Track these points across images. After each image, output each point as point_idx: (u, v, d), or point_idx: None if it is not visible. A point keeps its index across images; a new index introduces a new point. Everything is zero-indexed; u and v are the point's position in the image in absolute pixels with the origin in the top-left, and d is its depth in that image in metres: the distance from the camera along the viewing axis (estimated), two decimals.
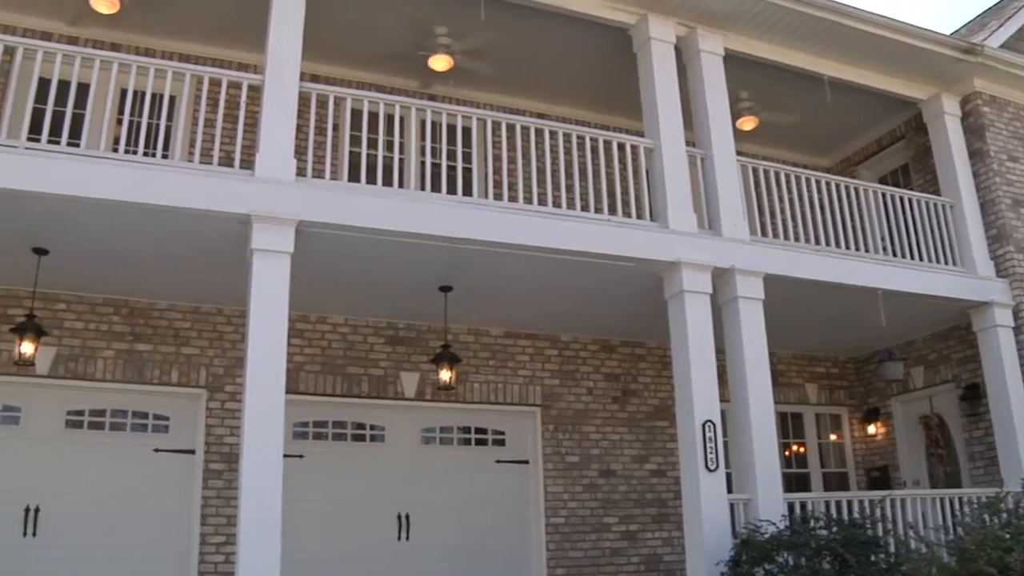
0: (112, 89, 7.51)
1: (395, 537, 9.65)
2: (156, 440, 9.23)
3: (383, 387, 9.85)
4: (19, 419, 8.96)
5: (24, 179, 6.80)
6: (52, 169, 6.90)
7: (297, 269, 7.14)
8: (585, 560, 10.17)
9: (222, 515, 8.98)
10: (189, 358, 9.29)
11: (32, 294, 8.48)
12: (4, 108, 8.07)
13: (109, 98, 7.52)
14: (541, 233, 8.08)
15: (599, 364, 10.86)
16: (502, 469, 10.28)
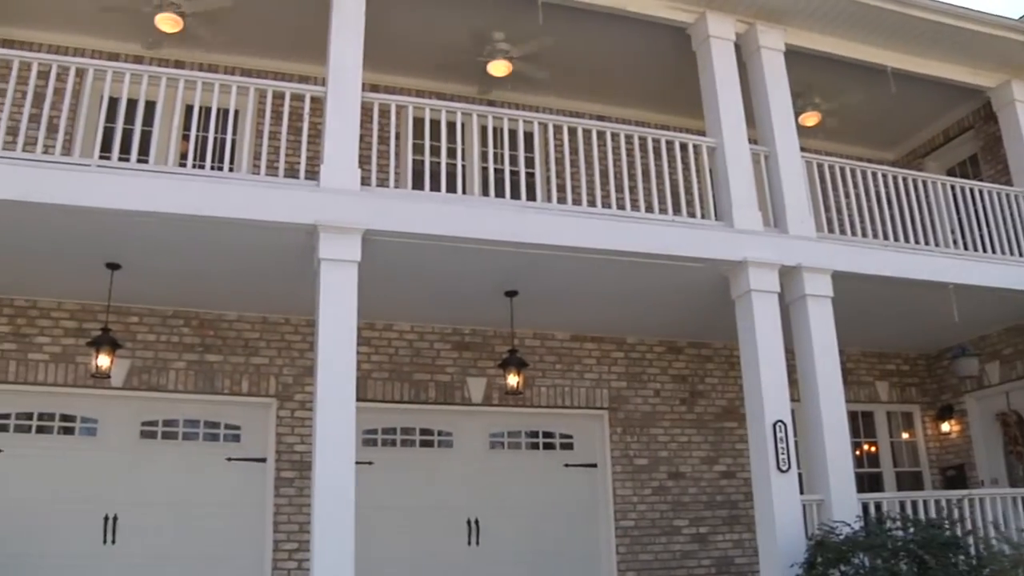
0: (179, 106, 7.65)
1: (465, 542, 9.68)
2: (228, 449, 9.41)
3: (450, 393, 9.90)
4: (96, 430, 9.21)
5: (97, 196, 6.96)
6: (123, 185, 7.04)
7: (363, 277, 7.20)
8: (656, 563, 10.09)
9: (294, 522, 9.10)
10: (258, 368, 9.44)
11: (106, 308, 8.68)
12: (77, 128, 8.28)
13: (176, 114, 7.66)
14: (605, 236, 8.04)
15: (666, 366, 10.78)
16: (570, 473, 10.25)
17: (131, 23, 9.28)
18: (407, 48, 9.86)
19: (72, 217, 7.11)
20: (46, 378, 8.99)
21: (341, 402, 6.76)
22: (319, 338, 6.88)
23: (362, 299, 7.15)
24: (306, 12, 8.89)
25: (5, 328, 9.04)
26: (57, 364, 9.03)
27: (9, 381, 8.93)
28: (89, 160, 7.34)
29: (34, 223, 7.29)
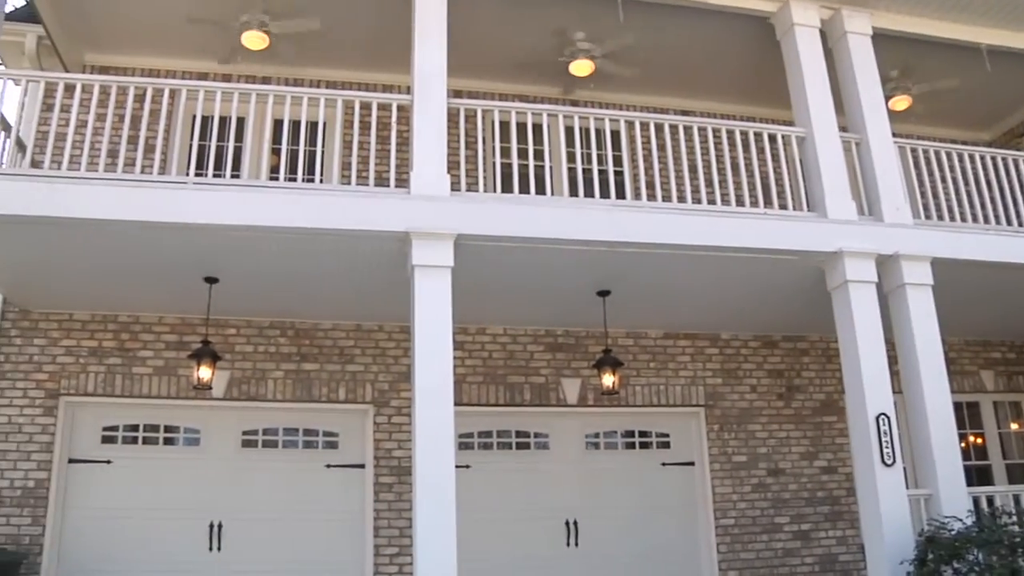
0: (268, 120, 7.80)
1: (564, 544, 9.67)
2: (327, 456, 9.56)
3: (545, 394, 9.90)
4: (199, 440, 9.47)
5: (194, 212, 7.12)
6: (218, 201, 7.19)
7: (455, 282, 7.23)
8: (758, 561, 9.94)
9: (394, 527, 9.22)
10: (355, 375, 9.58)
11: (205, 321, 8.89)
12: (172, 147, 8.52)
13: (267, 128, 7.82)
14: (696, 231, 7.94)
15: (761, 361, 10.61)
16: (668, 472, 10.17)
17: (218, 42, 9.47)
18: (488, 52, 9.89)
19: (170, 233, 7.30)
20: (150, 391, 9.28)
21: (439, 407, 6.79)
22: (415, 344, 6.93)
23: (454, 304, 7.18)
24: (387, 22, 9.00)
25: (110, 343, 9.35)
26: (160, 377, 9.30)
27: (116, 394, 9.25)
28: (185, 178, 7.53)
29: (135, 241, 7.52)
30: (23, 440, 9.05)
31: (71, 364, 9.29)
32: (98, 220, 7.07)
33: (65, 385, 9.21)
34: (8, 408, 9.12)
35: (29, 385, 9.19)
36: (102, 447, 9.33)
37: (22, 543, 8.75)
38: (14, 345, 9.30)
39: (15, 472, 8.96)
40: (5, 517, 8.84)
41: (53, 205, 6.98)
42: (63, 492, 9.09)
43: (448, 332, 6.93)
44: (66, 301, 9.22)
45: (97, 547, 9.01)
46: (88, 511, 9.09)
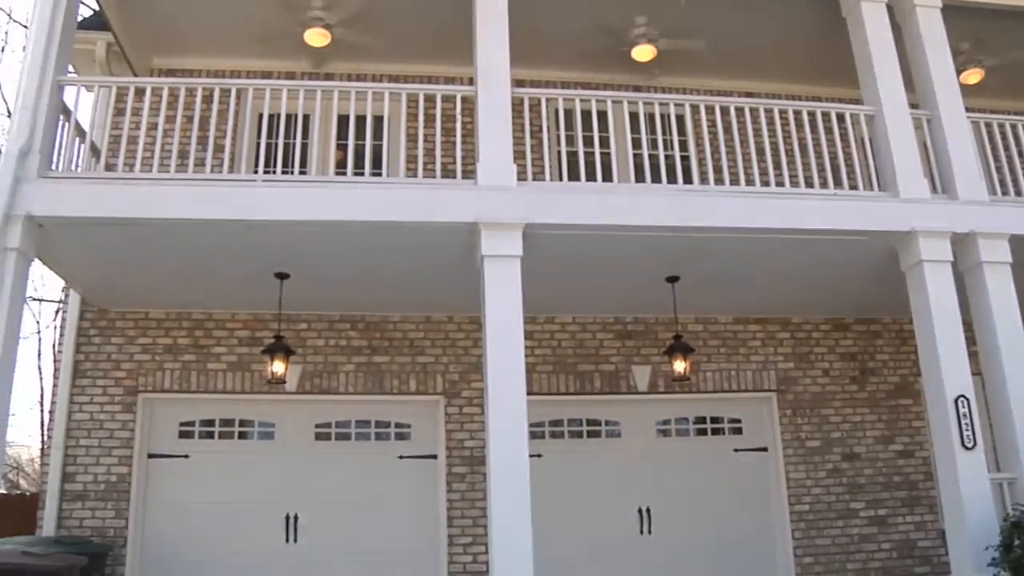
0: (334, 116, 7.86)
1: (637, 531, 9.65)
2: (399, 447, 9.67)
3: (615, 382, 9.87)
4: (273, 434, 9.64)
5: (263, 209, 7.22)
6: (287, 197, 7.28)
7: (524, 271, 7.20)
8: (833, 547, 9.80)
9: (467, 516, 9.28)
10: (425, 366, 9.66)
11: (277, 316, 9.02)
12: (240, 146, 8.65)
13: (333, 124, 7.88)
14: (765, 214, 7.81)
15: (833, 344, 10.44)
16: (740, 457, 10.07)
17: (281, 41, 9.59)
18: (549, 40, 9.84)
19: (241, 231, 7.41)
20: (224, 386, 9.45)
21: (511, 396, 6.79)
22: (487, 334, 6.94)
23: (523, 293, 7.15)
24: (447, 14, 8.99)
25: (185, 340, 9.54)
26: (234, 372, 9.47)
27: (191, 390, 9.45)
28: (254, 176, 7.66)
29: (206, 239, 7.66)
30: (104, 436, 9.30)
31: (148, 361, 9.50)
32: (170, 220, 7.21)
33: (143, 382, 9.43)
34: (89, 405, 9.37)
35: (108, 383, 9.44)
36: (180, 442, 9.54)
37: (107, 535, 9.00)
38: (93, 344, 9.54)
39: (98, 467, 9.21)
40: (91, 511, 9.10)
41: (127, 207, 7.14)
42: (144, 486, 9.33)
43: (519, 321, 6.93)
44: (141, 300, 9.43)
45: (178, 539, 9.23)
46: (168, 504, 9.33)
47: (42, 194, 7.02)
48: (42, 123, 7.24)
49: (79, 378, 9.46)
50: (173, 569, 9.16)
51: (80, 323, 9.61)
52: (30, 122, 7.18)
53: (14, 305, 6.79)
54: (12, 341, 6.79)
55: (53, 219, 7.09)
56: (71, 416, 9.35)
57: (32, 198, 6.96)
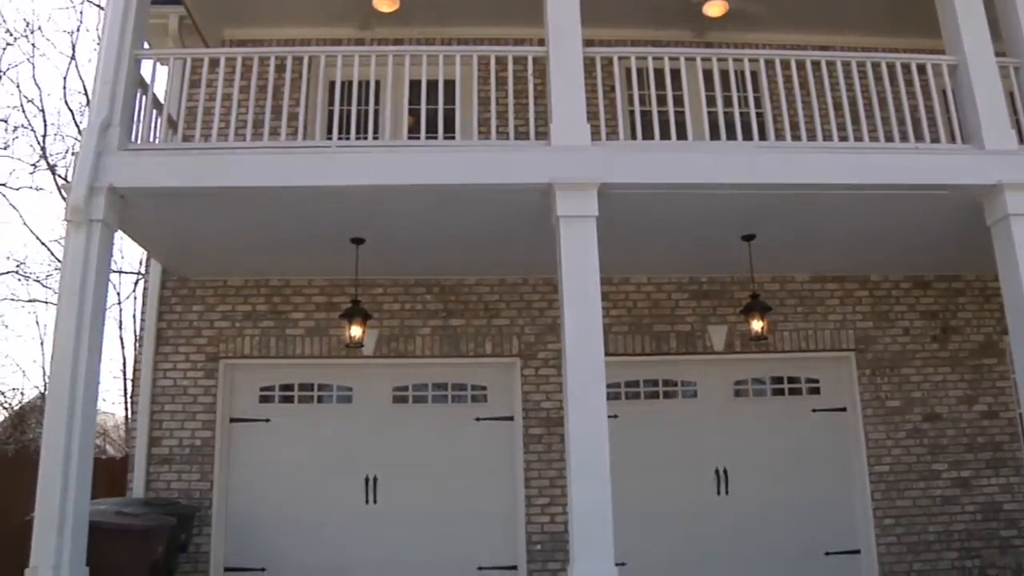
0: (406, 81, 7.90)
1: (714, 492, 9.62)
2: (476, 410, 9.77)
3: (691, 342, 9.81)
4: (352, 398, 9.79)
5: (337, 175, 7.29)
6: (361, 163, 7.34)
7: (598, 232, 7.14)
8: (914, 509, 9.64)
9: (544, 477, 9.35)
10: (500, 329, 9.72)
11: (353, 282, 9.11)
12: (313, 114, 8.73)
13: (405, 89, 7.93)
14: (842, 170, 7.61)
15: (913, 302, 10.21)
16: (819, 418, 9.95)
17: (351, 8, 9.62)
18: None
19: (316, 197, 7.50)
20: (303, 351, 9.62)
21: (589, 357, 6.78)
22: (563, 295, 6.93)
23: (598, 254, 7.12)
24: None
25: (264, 307, 9.72)
26: (312, 338, 9.63)
27: (270, 356, 9.64)
28: (328, 142, 7.71)
29: (283, 206, 7.76)
30: (188, 401, 9.54)
31: (228, 328, 9.70)
32: (247, 188, 7.33)
33: (223, 348, 9.64)
34: (173, 372, 9.61)
35: (191, 349, 9.66)
36: (260, 406, 9.76)
37: (193, 497, 9.25)
38: (175, 312, 9.77)
39: (183, 431, 9.46)
40: (177, 474, 9.35)
41: (205, 176, 7.27)
42: (226, 449, 9.56)
43: (596, 281, 6.90)
44: (220, 269, 9.63)
45: (260, 500, 9.48)
46: (250, 467, 9.56)
47: (123, 166, 7.17)
48: (121, 97, 7.38)
49: (162, 345, 9.69)
50: (256, 530, 9.41)
51: (162, 292, 9.84)
52: (109, 96, 7.32)
53: (100, 275, 6.96)
54: (99, 311, 6.97)
55: (134, 190, 7.24)
56: (156, 383, 9.60)
57: (114, 170, 7.11)
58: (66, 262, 6.92)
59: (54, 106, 41.70)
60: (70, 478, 6.42)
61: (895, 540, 9.55)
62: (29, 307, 34.99)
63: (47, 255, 35.14)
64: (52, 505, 6.33)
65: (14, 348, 39.86)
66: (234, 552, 9.39)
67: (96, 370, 6.90)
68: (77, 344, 6.66)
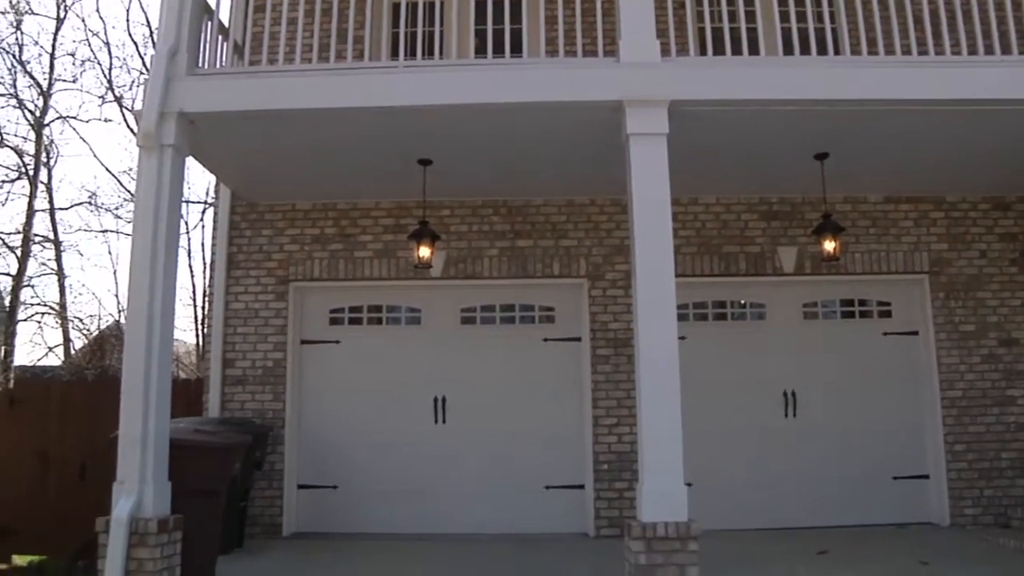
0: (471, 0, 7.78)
1: (782, 415, 9.58)
2: (544, 330, 9.82)
3: (760, 264, 9.68)
4: (420, 319, 9.92)
5: (405, 95, 7.22)
6: (429, 83, 7.26)
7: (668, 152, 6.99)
8: (988, 435, 9.49)
9: (612, 398, 9.38)
10: (568, 250, 9.70)
11: (420, 203, 9.12)
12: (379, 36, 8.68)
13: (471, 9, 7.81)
14: (922, 84, 7.26)
15: (992, 224, 9.89)
16: (890, 341, 9.80)
17: None
18: None
19: (384, 118, 7.46)
20: (371, 273, 9.73)
21: (659, 277, 6.70)
22: (633, 214, 6.84)
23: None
24: None
25: (332, 230, 9.82)
26: (380, 260, 9.72)
27: (339, 278, 9.77)
28: (394, 63, 7.65)
29: (349, 127, 7.76)
30: (260, 324, 9.72)
31: (297, 252, 9.82)
32: (313, 110, 7.31)
33: (293, 272, 9.77)
34: (244, 295, 9.78)
35: (261, 273, 9.82)
36: (330, 328, 9.92)
37: (266, 417, 9.47)
38: (244, 237, 9.91)
39: (255, 353, 9.65)
40: (250, 394, 9.58)
41: (272, 99, 7.28)
42: (298, 370, 9.77)
43: (666, 199, 6.79)
44: (288, 193, 9.72)
45: (332, 420, 9.70)
46: (322, 388, 9.76)
47: (191, 91, 7.20)
48: (187, 23, 7.37)
49: (233, 270, 9.85)
50: (328, 448, 9.63)
51: (231, 217, 9.97)
52: (176, 23, 7.33)
53: (173, 199, 7.03)
54: (174, 234, 7.07)
55: (203, 115, 7.27)
56: (228, 306, 9.79)
57: (182, 95, 7.15)
58: (139, 186, 7.01)
59: (118, 38, 42.25)
60: (150, 397, 6.58)
61: (966, 466, 9.43)
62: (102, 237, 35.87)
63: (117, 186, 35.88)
64: (135, 423, 6.51)
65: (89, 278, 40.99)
66: (307, 470, 9.63)
67: (172, 289, 7.03)
68: (153, 264, 6.77)
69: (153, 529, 6.22)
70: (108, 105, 38.85)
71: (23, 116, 24.10)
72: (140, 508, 6.32)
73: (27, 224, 21.95)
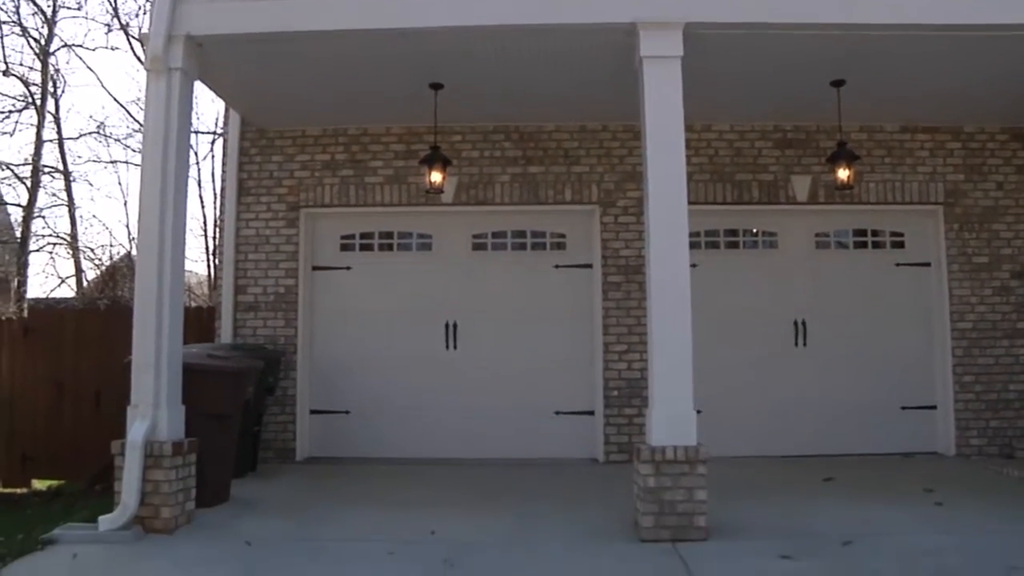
0: None
1: (792, 343, 9.61)
2: (555, 257, 9.82)
3: (774, 192, 9.62)
4: (431, 245, 9.93)
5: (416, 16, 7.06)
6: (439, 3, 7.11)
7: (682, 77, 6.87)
8: (996, 367, 9.50)
9: (622, 324, 9.42)
10: (580, 176, 9.65)
11: (432, 129, 9.02)
12: None
13: None
14: (945, 8, 7.09)
15: (1009, 155, 9.76)
16: (901, 272, 9.77)
17: None
18: None
19: (395, 40, 7.32)
20: (382, 199, 9.71)
21: (672, 203, 6.60)
22: (646, 139, 6.72)
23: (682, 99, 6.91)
24: None
25: (342, 156, 9.77)
26: (391, 185, 9.69)
27: (350, 204, 9.76)
28: None
29: (360, 50, 7.63)
30: (271, 250, 9.73)
31: (307, 178, 9.79)
32: (324, 31, 7.15)
33: (304, 198, 9.76)
34: (255, 221, 9.78)
35: (272, 199, 9.80)
36: (341, 254, 9.94)
37: (278, 343, 9.53)
38: (255, 163, 9.88)
39: (267, 279, 9.68)
40: (262, 320, 9.63)
41: (281, 20, 7.12)
42: (310, 297, 9.80)
43: (680, 123, 6.67)
44: (298, 118, 9.65)
45: (343, 346, 9.76)
46: (333, 314, 9.81)
47: (199, 13, 7.07)
48: None
49: (244, 196, 9.83)
50: (340, 374, 9.71)
51: (241, 143, 9.93)
52: None
53: (182, 123, 6.95)
54: (184, 158, 7.02)
55: (211, 37, 7.14)
56: (239, 232, 9.79)
57: (190, 17, 7.01)
58: (148, 110, 6.94)
59: None
60: (163, 321, 6.59)
61: (973, 397, 9.48)
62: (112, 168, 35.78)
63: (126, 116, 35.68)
64: (147, 347, 6.53)
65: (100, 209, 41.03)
66: (319, 395, 9.72)
67: (182, 211, 6.99)
68: (163, 188, 6.72)
69: (168, 452, 6.28)
70: (115, 33, 38.48)
71: (28, 44, 23.91)
72: (155, 431, 6.37)
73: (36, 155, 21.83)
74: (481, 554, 5.77)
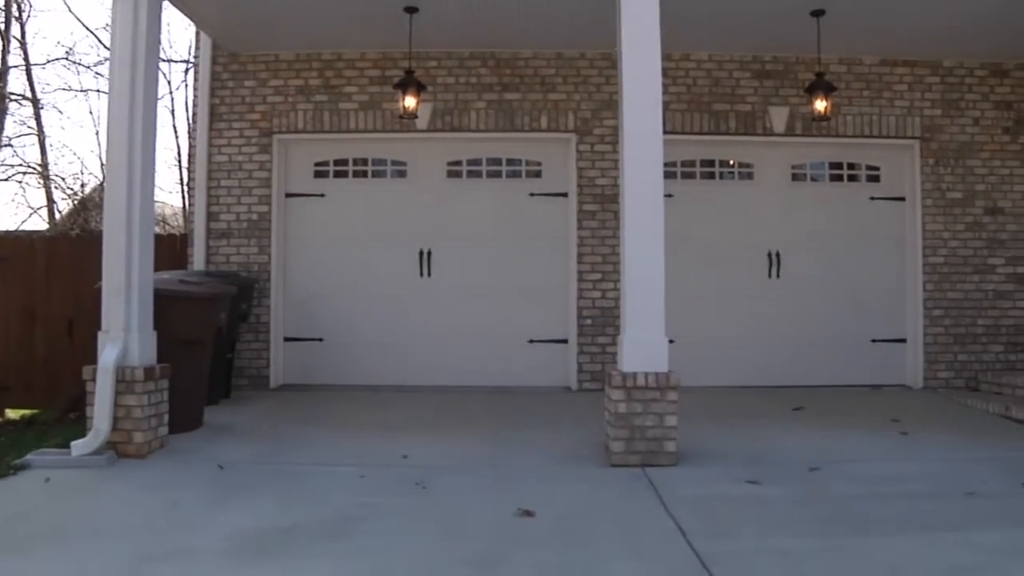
0: None
1: (766, 275, 9.65)
2: (530, 185, 9.76)
3: (751, 123, 9.57)
4: (406, 172, 9.85)
5: None
6: None
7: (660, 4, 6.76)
8: (966, 302, 9.60)
9: (597, 254, 9.43)
10: (556, 104, 9.56)
11: (407, 54, 8.91)
12: None
13: None
14: None
15: (987, 91, 9.72)
16: (876, 206, 9.78)
17: None
18: None
19: None
20: (356, 125, 9.60)
21: (647, 132, 6.49)
22: (622, 67, 6.62)
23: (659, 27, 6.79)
24: None
25: (316, 81, 9.62)
26: (366, 112, 9.56)
27: (324, 130, 9.64)
28: None
29: None
30: (244, 177, 9.62)
31: (280, 103, 9.65)
32: None
33: (276, 124, 9.63)
34: (227, 147, 9.66)
35: (244, 125, 9.66)
36: (315, 181, 9.84)
37: (252, 270, 9.48)
38: (227, 88, 9.71)
39: (240, 206, 9.60)
40: (235, 247, 9.56)
41: None
42: (283, 224, 9.73)
43: (656, 51, 6.54)
44: (271, 42, 9.48)
45: (318, 273, 9.73)
46: (307, 241, 9.76)
47: None
48: None
49: (216, 122, 9.68)
50: (314, 301, 9.70)
51: (213, 68, 9.75)
52: None
53: (150, 46, 6.76)
54: (152, 80, 6.86)
55: None
56: (211, 158, 9.67)
57: None
58: (115, 32, 6.70)
59: None
60: (133, 245, 6.52)
61: (942, 331, 9.60)
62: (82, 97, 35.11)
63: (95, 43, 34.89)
64: (117, 272, 6.47)
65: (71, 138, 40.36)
66: (293, 323, 9.71)
67: (152, 136, 6.82)
68: (132, 111, 6.59)
69: (140, 377, 6.26)
70: None
71: None
72: (126, 356, 6.34)
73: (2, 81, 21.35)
74: (452, 477, 5.83)
